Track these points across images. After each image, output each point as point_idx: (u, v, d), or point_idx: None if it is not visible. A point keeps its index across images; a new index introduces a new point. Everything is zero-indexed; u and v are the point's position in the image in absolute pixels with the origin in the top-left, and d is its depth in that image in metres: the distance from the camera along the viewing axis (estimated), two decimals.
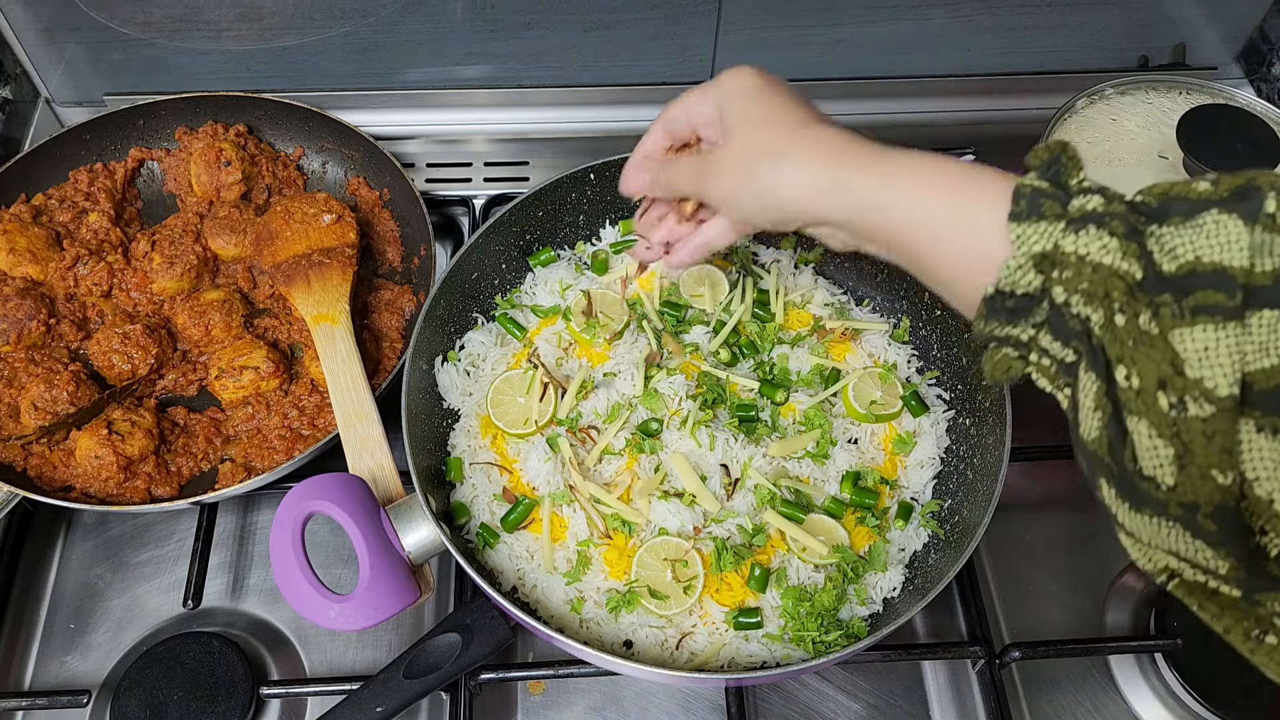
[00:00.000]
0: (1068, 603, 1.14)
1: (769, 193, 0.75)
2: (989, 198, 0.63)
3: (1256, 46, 1.48)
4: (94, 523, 1.20)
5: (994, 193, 0.63)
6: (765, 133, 0.76)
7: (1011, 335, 0.63)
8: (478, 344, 1.15)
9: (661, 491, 1.02)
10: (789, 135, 0.75)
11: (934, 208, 0.66)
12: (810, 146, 0.73)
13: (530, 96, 1.49)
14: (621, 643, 0.98)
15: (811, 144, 0.74)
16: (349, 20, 1.37)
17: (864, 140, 0.73)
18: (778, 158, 0.74)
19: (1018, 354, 0.64)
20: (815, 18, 1.39)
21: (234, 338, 1.22)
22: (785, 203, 0.74)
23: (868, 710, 1.08)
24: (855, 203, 0.70)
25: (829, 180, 0.71)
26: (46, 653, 1.12)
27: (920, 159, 0.69)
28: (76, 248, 1.24)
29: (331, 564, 1.17)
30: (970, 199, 0.65)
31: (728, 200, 0.79)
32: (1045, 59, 1.49)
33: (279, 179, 1.38)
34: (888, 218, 0.69)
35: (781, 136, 0.75)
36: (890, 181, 0.69)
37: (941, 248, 0.66)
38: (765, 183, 0.75)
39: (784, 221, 0.76)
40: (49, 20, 1.36)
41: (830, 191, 0.71)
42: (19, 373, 1.14)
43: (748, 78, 0.80)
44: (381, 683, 0.93)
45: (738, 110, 0.79)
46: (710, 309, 1.17)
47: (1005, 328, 0.63)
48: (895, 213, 0.68)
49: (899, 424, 1.10)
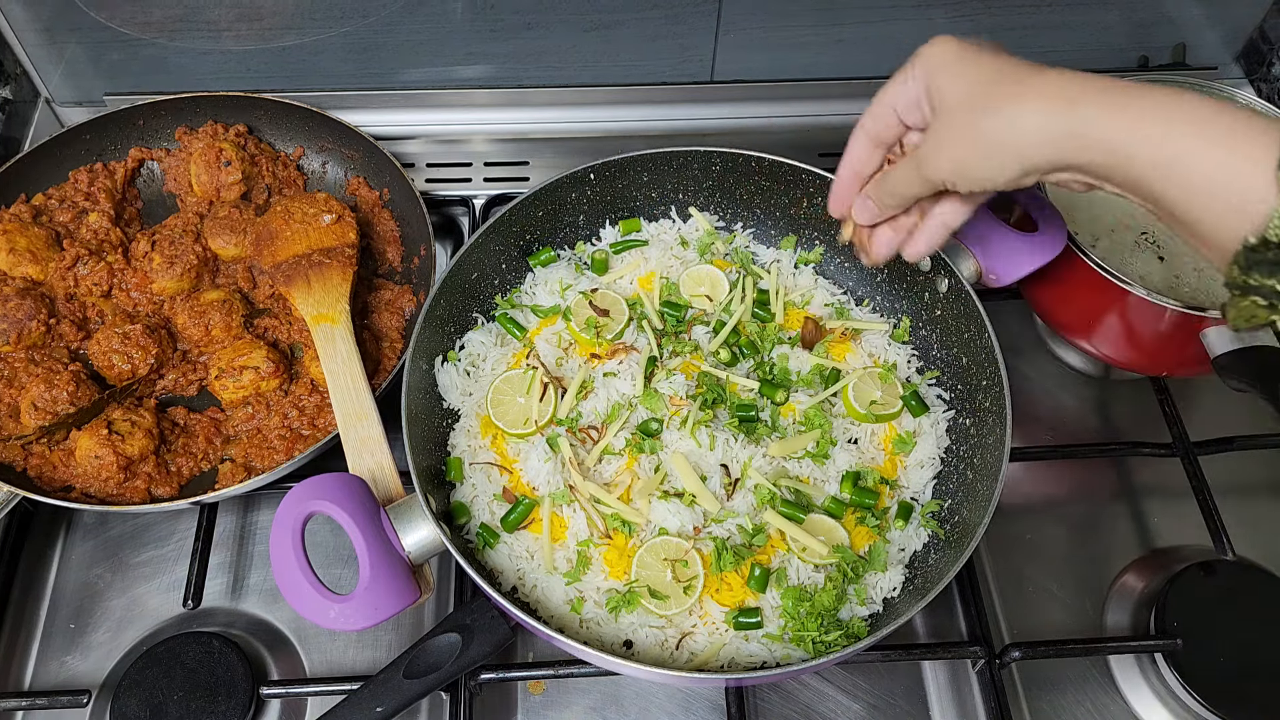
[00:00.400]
0: (1068, 603, 1.14)
1: (1005, 149, 0.72)
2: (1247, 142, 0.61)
3: (1256, 46, 1.48)
4: (94, 523, 1.20)
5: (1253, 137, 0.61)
6: (984, 90, 0.73)
7: (1266, 285, 0.61)
8: (478, 344, 1.15)
9: (661, 491, 1.02)
10: (1012, 86, 0.72)
11: (1188, 151, 0.64)
12: (1040, 91, 0.71)
13: (530, 96, 1.49)
14: (621, 643, 0.98)
15: (1040, 89, 0.71)
16: (349, 20, 1.37)
17: (1097, 78, 0.70)
18: (1007, 110, 0.72)
19: (1266, 303, 0.62)
20: (815, 18, 1.39)
21: (234, 338, 1.22)
22: (1024, 155, 0.72)
23: (868, 710, 1.08)
24: (1100, 146, 0.68)
25: (1068, 124, 0.69)
26: (46, 653, 1.12)
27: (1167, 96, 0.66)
28: (76, 248, 1.24)
29: (331, 564, 1.17)
30: (1227, 143, 0.62)
31: (961, 170, 0.77)
32: (1045, 59, 1.48)
33: (279, 179, 1.38)
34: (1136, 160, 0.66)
35: (1004, 89, 0.72)
36: (1137, 122, 0.66)
37: (1196, 192, 0.64)
38: (999, 139, 0.72)
39: (1023, 175, 0.74)
40: (49, 20, 1.36)
41: (1070, 136, 0.69)
42: (19, 373, 1.14)
43: (947, 46, 0.78)
44: (381, 683, 0.93)
45: (947, 78, 0.76)
46: (710, 309, 1.17)
47: (1264, 278, 0.61)
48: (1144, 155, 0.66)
49: (899, 424, 1.10)
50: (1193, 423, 1.21)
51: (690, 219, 1.25)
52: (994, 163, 0.74)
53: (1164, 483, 1.22)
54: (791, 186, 1.20)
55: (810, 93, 1.50)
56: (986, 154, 0.74)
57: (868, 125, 0.87)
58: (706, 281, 1.19)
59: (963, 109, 0.75)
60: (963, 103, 0.75)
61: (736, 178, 1.22)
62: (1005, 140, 0.72)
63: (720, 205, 1.26)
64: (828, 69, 1.48)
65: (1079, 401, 1.30)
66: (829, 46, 1.44)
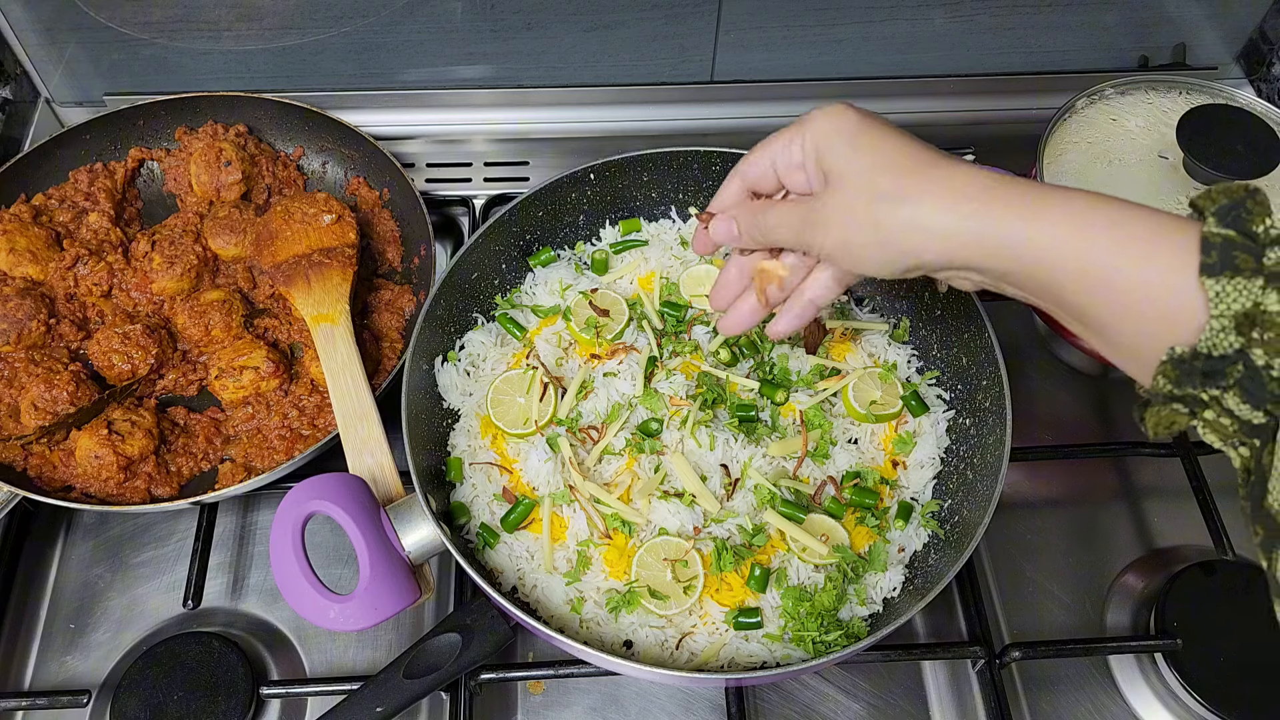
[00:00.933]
0: (1068, 603, 1.14)
1: (900, 241, 0.69)
2: (1168, 246, 0.58)
3: (1256, 46, 1.48)
4: (94, 523, 1.20)
5: (1173, 241, 0.58)
6: (887, 176, 0.70)
7: (1191, 395, 0.58)
8: (478, 344, 1.15)
9: (661, 491, 1.02)
10: (917, 177, 0.69)
11: (1104, 256, 0.61)
12: (946, 187, 0.67)
13: (530, 96, 1.49)
14: (621, 643, 0.98)
15: (947, 184, 0.67)
16: (349, 20, 1.37)
17: (1008, 176, 0.67)
18: (908, 202, 0.68)
19: (1187, 410, 0.59)
20: (815, 18, 1.39)
21: (234, 338, 1.22)
22: (920, 249, 0.68)
23: (868, 710, 1.08)
24: (1008, 251, 0.65)
25: (975, 225, 0.65)
26: (46, 653, 1.12)
27: (1077, 198, 0.63)
28: (76, 248, 1.24)
29: (331, 564, 1.17)
30: (1146, 246, 0.59)
31: (844, 250, 0.73)
32: (1045, 59, 1.49)
33: (279, 179, 1.38)
34: (1048, 266, 0.63)
35: (908, 178, 0.69)
36: (1049, 227, 0.63)
37: (1116, 302, 0.61)
38: (896, 231, 0.69)
39: (912, 269, 0.71)
40: (49, 20, 1.36)
41: (976, 236, 0.66)
42: (19, 373, 1.14)
43: (844, 117, 0.74)
44: (381, 683, 0.93)
45: (843, 152, 0.73)
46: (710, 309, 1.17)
47: (1189, 389, 0.58)
48: (1060, 264, 0.63)
49: (899, 424, 1.10)
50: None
51: (690, 219, 1.25)
52: (885, 254, 0.71)
53: (1164, 483, 1.22)
54: None
55: (810, 93, 1.50)
56: (880, 243, 0.70)
57: (745, 171, 0.83)
58: (706, 281, 1.19)
59: (861, 192, 0.71)
60: (861, 186, 0.71)
61: None
62: (902, 233, 0.69)
63: None
64: (828, 69, 1.48)
65: (1079, 401, 1.30)
66: (829, 46, 1.44)
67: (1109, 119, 1.20)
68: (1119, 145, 1.18)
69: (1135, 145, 1.18)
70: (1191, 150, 1.08)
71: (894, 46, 1.45)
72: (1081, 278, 0.62)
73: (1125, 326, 0.61)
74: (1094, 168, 1.16)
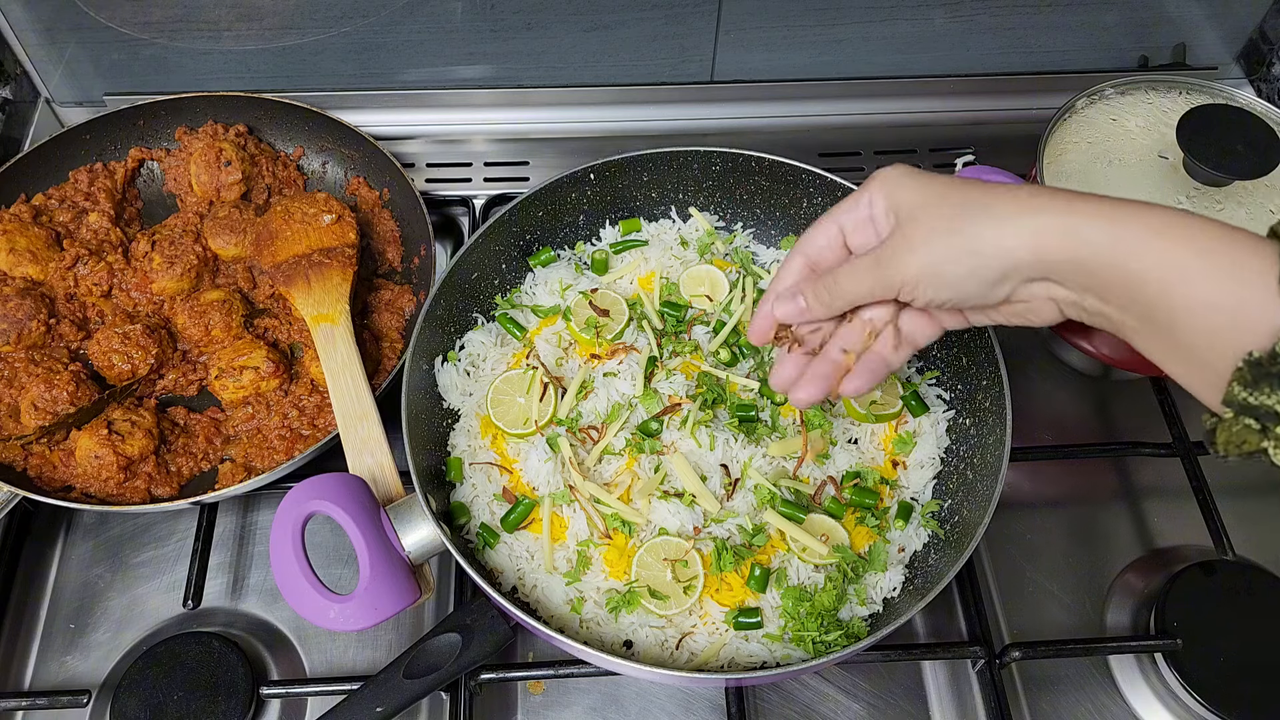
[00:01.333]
0: (1068, 603, 1.14)
1: (989, 243, 0.68)
2: (1245, 253, 0.60)
3: (1256, 46, 1.48)
4: (94, 523, 1.20)
5: (1249, 249, 0.60)
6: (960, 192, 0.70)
7: (1266, 405, 0.59)
8: (478, 344, 1.15)
9: (661, 491, 1.02)
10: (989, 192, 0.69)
11: (1185, 261, 0.62)
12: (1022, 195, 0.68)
13: (530, 96, 1.49)
14: (621, 643, 0.98)
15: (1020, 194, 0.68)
16: (349, 20, 1.37)
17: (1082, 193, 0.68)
18: (991, 207, 0.68)
19: (1260, 426, 0.60)
20: (815, 18, 1.39)
21: (234, 338, 1.22)
22: (1012, 246, 0.67)
23: (868, 710, 1.08)
24: (1091, 250, 0.65)
25: (1061, 225, 0.66)
26: (46, 653, 1.12)
27: (1154, 209, 0.64)
28: (76, 248, 1.24)
29: (331, 564, 1.17)
30: (1225, 253, 0.61)
31: (931, 271, 0.72)
32: (1045, 59, 1.49)
33: (279, 179, 1.38)
34: (1135, 270, 0.63)
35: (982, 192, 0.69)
36: (1130, 230, 0.64)
37: (1195, 304, 0.62)
38: (982, 234, 0.68)
39: (1006, 275, 0.70)
40: (49, 20, 1.36)
41: (1062, 235, 0.66)
42: (19, 373, 1.14)
43: (906, 168, 0.75)
44: (381, 683, 0.93)
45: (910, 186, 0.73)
46: (710, 309, 1.17)
47: (1264, 395, 0.59)
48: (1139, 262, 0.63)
49: (899, 424, 1.10)
50: (1193, 423, 1.21)
51: (690, 219, 1.25)
52: (972, 265, 0.70)
53: (1164, 483, 1.22)
54: (791, 186, 1.20)
55: (810, 93, 1.50)
56: (970, 251, 0.69)
57: (807, 249, 0.81)
58: (706, 281, 1.19)
59: (938, 212, 0.71)
60: (937, 207, 0.71)
61: (736, 178, 1.22)
62: (990, 238, 0.68)
63: (720, 205, 1.26)
64: (828, 69, 1.48)
65: (1079, 401, 1.30)
66: (829, 46, 1.44)
67: (1109, 119, 1.20)
68: (1119, 145, 1.18)
69: (1135, 145, 1.18)
70: (1191, 150, 1.08)
71: (894, 46, 1.45)
72: (1164, 280, 0.63)
73: (1199, 338, 0.62)
74: (1094, 168, 1.16)
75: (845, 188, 1.15)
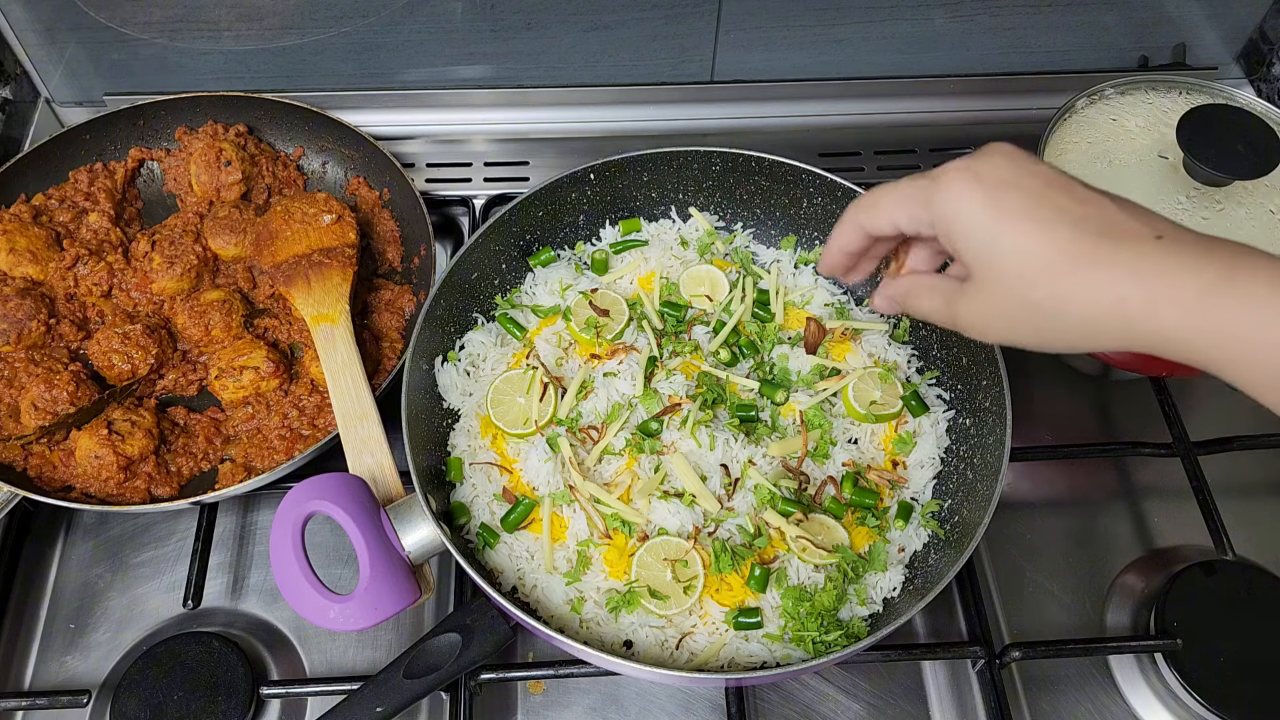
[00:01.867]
0: (1068, 603, 1.14)
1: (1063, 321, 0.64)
2: None
3: (1256, 46, 1.48)
4: (94, 523, 1.20)
5: None
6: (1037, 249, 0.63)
7: None
8: (478, 344, 1.15)
9: (661, 491, 1.02)
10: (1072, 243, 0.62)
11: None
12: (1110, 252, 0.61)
13: (530, 96, 1.49)
14: (621, 643, 0.98)
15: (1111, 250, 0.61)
16: (349, 20, 1.37)
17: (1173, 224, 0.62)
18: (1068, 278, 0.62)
19: None
20: (815, 18, 1.39)
21: (234, 338, 1.22)
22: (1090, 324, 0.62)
23: (868, 710, 1.08)
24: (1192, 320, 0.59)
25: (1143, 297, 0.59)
26: (46, 653, 1.12)
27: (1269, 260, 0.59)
28: (76, 248, 1.24)
29: (331, 564, 1.17)
30: None
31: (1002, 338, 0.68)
32: (1045, 59, 1.49)
33: (279, 179, 1.38)
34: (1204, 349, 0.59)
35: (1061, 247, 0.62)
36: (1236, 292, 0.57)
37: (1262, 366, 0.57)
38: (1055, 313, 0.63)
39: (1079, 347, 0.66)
40: (49, 20, 1.36)
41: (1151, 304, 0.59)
42: (19, 373, 1.14)
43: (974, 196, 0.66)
44: (381, 683, 0.93)
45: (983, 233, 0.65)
46: (710, 309, 1.17)
47: None
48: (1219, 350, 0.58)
49: (899, 424, 1.10)
50: (1193, 423, 1.21)
51: (690, 219, 1.25)
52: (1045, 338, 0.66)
53: (1164, 483, 1.22)
54: (791, 186, 1.20)
55: (810, 93, 1.50)
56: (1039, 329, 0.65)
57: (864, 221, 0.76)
58: (706, 281, 1.19)
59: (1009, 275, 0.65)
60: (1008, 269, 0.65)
61: (736, 178, 1.22)
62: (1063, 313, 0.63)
63: (720, 205, 1.26)
64: (828, 69, 1.48)
65: (1079, 401, 1.30)
66: (829, 46, 1.44)
67: (1109, 119, 1.20)
68: (1119, 145, 1.18)
69: (1135, 145, 1.18)
70: (1191, 150, 1.08)
71: (894, 46, 1.45)
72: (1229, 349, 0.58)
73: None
74: (1094, 168, 1.16)
75: (845, 188, 1.15)
